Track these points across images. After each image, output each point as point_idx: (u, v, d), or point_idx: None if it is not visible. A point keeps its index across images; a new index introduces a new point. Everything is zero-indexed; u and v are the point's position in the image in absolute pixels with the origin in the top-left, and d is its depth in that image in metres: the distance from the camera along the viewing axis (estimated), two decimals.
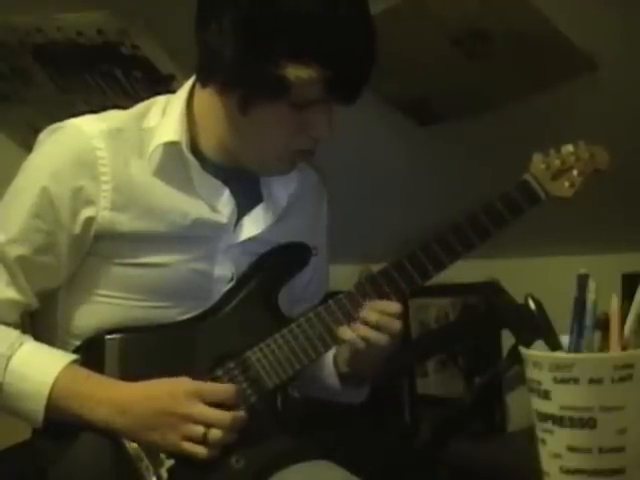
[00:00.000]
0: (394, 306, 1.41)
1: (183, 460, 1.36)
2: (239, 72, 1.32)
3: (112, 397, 1.37)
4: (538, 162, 1.49)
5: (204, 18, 1.34)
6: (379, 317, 1.40)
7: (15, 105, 2.67)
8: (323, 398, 1.60)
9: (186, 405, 1.35)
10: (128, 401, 1.36)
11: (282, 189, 1.49)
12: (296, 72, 1.29)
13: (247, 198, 1.47)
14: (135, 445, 1.36)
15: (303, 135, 1.38)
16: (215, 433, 1.35)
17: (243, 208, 1.46)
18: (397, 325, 1.41)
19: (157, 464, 1.36)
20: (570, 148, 1.50)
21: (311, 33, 1.29)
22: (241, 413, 1.38)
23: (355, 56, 1.32)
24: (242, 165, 1.44)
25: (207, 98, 1.40)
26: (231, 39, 1.30)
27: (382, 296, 1.42)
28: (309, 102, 1.34)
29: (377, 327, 1.40)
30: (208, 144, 1.43)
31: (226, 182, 1.44)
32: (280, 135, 1.38)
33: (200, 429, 1.34)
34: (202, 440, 1.35)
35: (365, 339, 1.40)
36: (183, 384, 1.37)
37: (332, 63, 1.30)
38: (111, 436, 1.37)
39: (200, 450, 1.35)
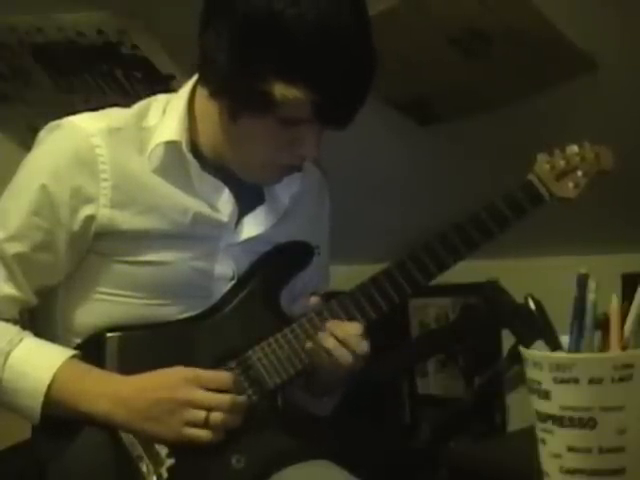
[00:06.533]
0: (355, 327, 1.41)
1: (183, 459, 1.36)
2: (229, 82, 1.32)
3: (111, 391, 1.37)
4: (542, 162, 1.48)
5: (205, 22, 1.34)
6: (344, 334, 1.39)
7: (15, 105, 2.67)
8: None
9: (184, 391, 1.35)
10: (127, 394, 1.37)
11: (285, 189, 1.49)
12: (282, 90, 1.28)
13: (249, 197, 1.47)
14: (136, 444, 1.37)
15: (290, 151, 1.37)
16: (216, 416, 1.35)
17: (245, 207, 1.46)
18: (364, 345, 1.40)
19: (157, 463, 1.36)
20: (575, 148, 1.49)
21: (302, 54, 1.27)
22: (241, 397, 1.38)
23: (346, 83, 1.30)
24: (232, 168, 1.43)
25: (205, 98, 1.40)
26: (225, 49, 1.30)
27: (385, 296, 1.43)
28: (297, 120, 1.33)
29: (342, 344, 1.39)
30: (207, 144, 1.43)
31: (227, 181, 1.44)
32: (266, 148, 1.37)
33: (201, 413, 1.35)
34: (204, 424, 1.35)
35: (329, 353, 1.39)
36: (179, 371, 1.37)
37: (320, 87, 1.28)
38: (111, 434, 1.37)
39: (204, 434, 1.35)
